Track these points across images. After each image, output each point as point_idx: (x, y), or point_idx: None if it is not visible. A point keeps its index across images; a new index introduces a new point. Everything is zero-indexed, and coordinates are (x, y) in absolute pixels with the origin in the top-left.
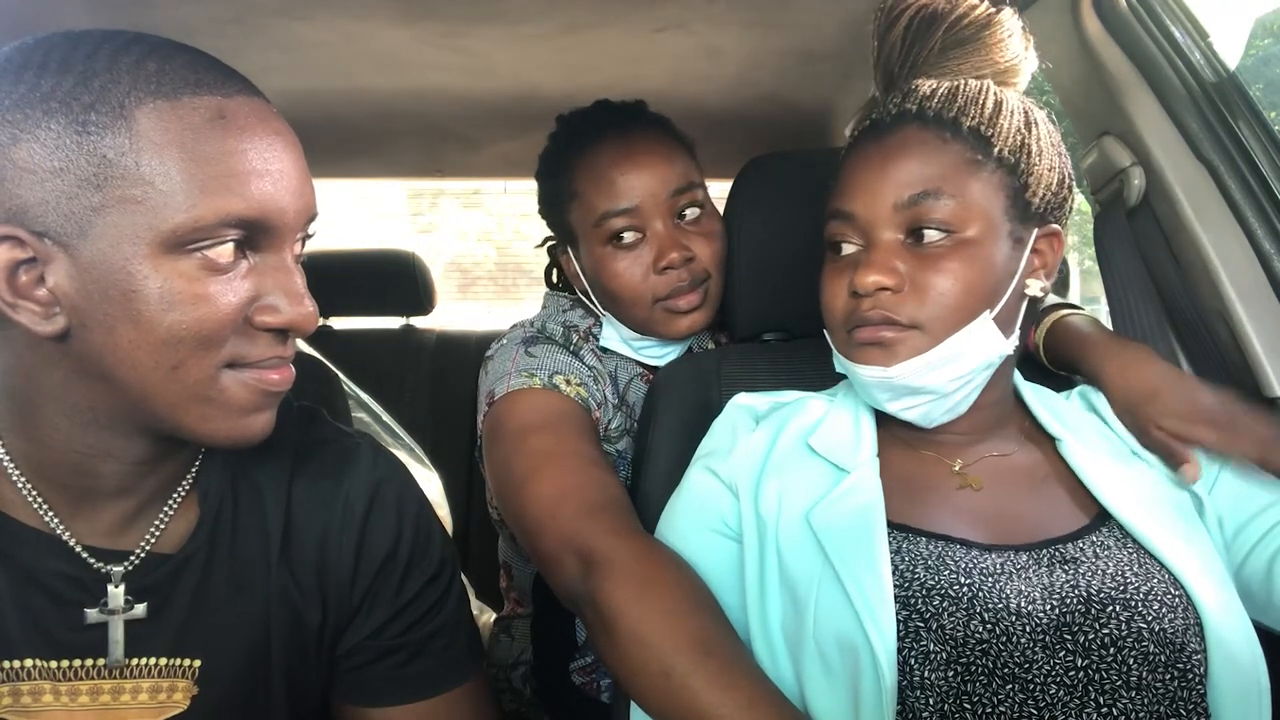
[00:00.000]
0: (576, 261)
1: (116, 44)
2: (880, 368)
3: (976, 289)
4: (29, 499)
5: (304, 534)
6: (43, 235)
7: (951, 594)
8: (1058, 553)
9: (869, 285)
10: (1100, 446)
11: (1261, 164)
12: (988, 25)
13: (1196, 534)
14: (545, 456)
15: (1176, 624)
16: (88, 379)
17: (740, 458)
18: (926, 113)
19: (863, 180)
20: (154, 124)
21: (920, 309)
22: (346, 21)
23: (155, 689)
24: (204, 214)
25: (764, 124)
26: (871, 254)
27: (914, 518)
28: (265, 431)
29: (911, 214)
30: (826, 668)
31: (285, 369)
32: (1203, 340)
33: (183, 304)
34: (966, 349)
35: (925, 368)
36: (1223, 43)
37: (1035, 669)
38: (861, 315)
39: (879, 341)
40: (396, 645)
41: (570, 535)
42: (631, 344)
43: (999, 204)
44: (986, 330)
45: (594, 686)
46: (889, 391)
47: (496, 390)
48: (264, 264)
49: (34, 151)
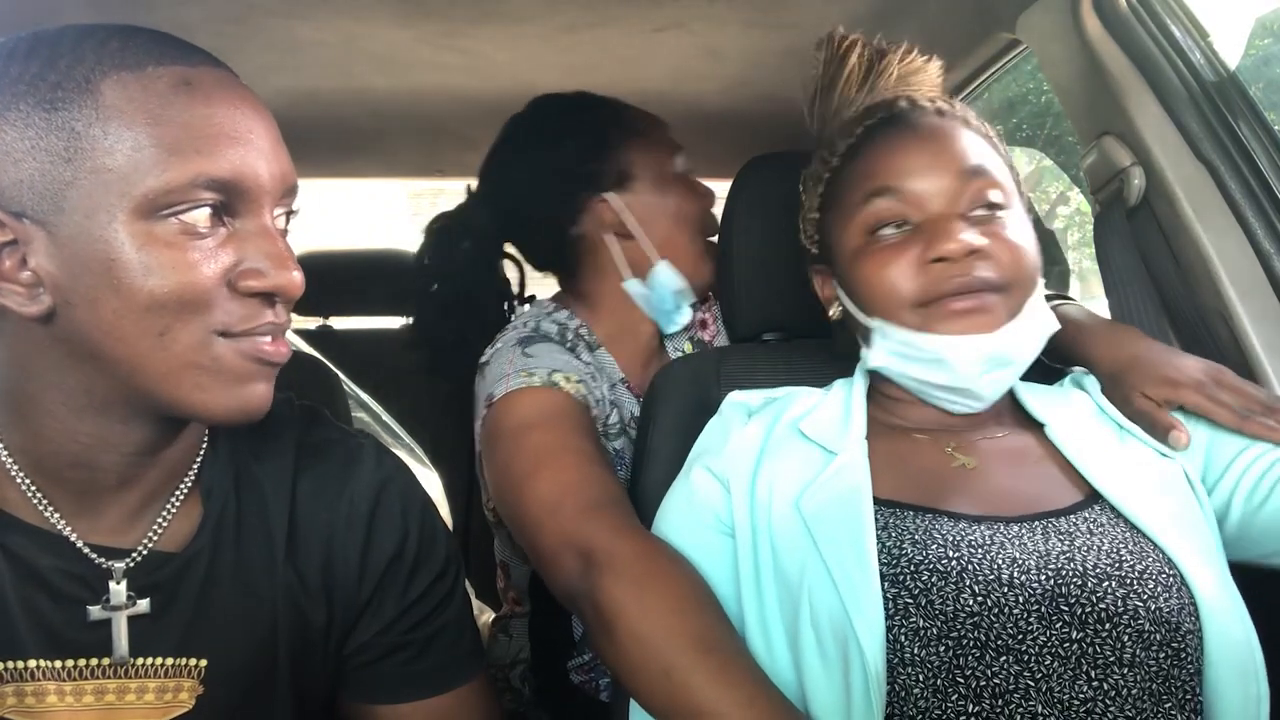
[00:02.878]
0: (622, 208)
1: (81, 30)
2: (984, 334)
3: (1035, 257)
4: (30, 497)
5: (309, 534)
6: (20, 216)
7: (939, 568)
8: (1051, 525)
9: (960, 249)
10: (1090, 429)
11: (1261, 164)
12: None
13: (1190, 511)
14: (545, 453)
15: (1172, 604)
16: (79, 360)
17: (733, 452)
18: (940, 108)
19: (915, 157)
20: (119, 94)
21: (1011, 270)
22: (346, 21)
23: (161, 689)
24: (175, 176)
25: (764, 124)
26: (942, 223)
27: (903, 493)
28: (262, 406)
29: (976, 186)
30: (822, 654)
31: (280, 340)
32: (1203, 340)
33: (162, 269)
34: (1036, 318)
35: (1021, 332)
36: (1223, 43)
37: (1030, 640)
38: (953, 282)
39: (981, 308)
40: (404, 642)
41: (570, 533)
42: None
43: (1013, 187)
44: (1043, 300)
45: (593, 686)
46: (984, 363)
47: (495, 392)
48: (244, 229)
49: (4, 134)
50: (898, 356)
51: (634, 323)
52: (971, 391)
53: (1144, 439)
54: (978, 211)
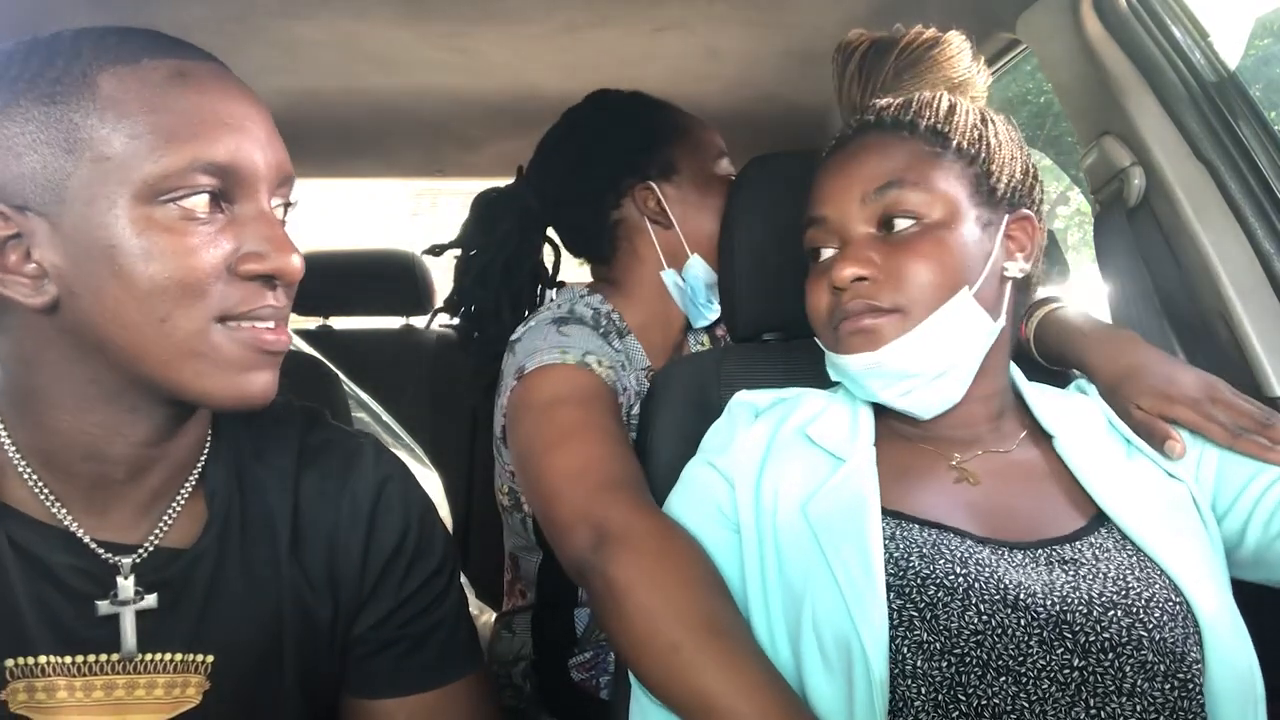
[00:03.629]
0: (663, 196)
1: (78, 30)
2: (868, 354)
3: (950, 268)
4: (39, 494)
5: (313, 533)
6: (23, 209)
7: (947, 584)
8: (1055, 553)
9: (845, 278)
10: (1100, 443)
11: (1261, 164)
12: (935, 44)
13: (1196, 536)
14: (571, 428)
15: (1177, 633)
16: (85, 351)
17: (738, 450)
18: (885, 119)
19: (830, 184)
20: (116, 86)
21: (898, 293)
22: (346, 21)
23: (169, 684)
24: (173, 161)
25: (764, 124)
26: (845, 250)
27: (909, 505)
28: (266, 394)
29: (879, 205)
30: (824, 659)
31: (281, 329)
32: (1202, 340)
33: (163, 255)
34: (950, 326)
35: (911, 348)
36: (1223, 43)
37: (1029, 663)
38: (844, 309)
39: (862, 330)
40: (398, 636)
41: (587, 506)
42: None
43: (962, 190)
44: (968, 306)
45: (593, 684)
46: (881, 378)
47: (527, 365)
48: (242, 215)
49: (5, 129)
50: (833, 370)
51: (665, 312)
52: (889, 407)
53: (1152, 456)
54: (884, 231)
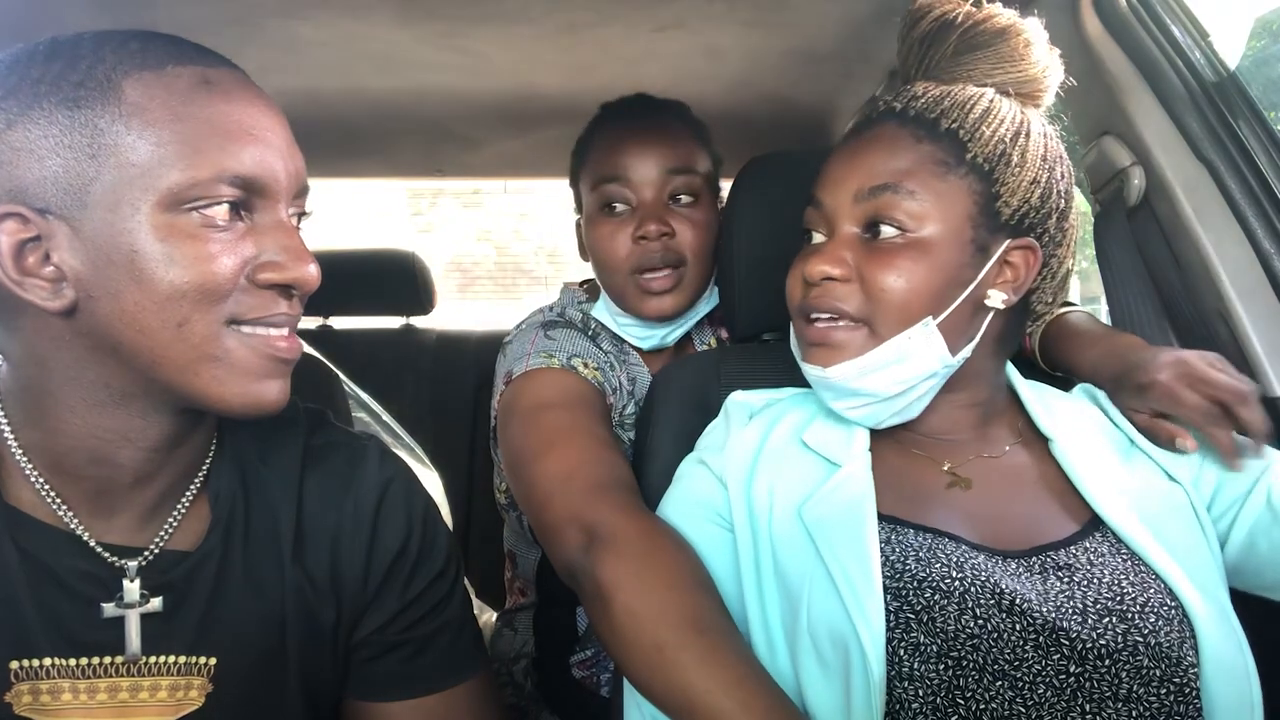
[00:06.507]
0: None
1: (99, 33)
2: (819, 367)
3: (923, 291)
4: (46, 497)
5: (316, 535)
6: (45, 212)
7: (943, 587)
8: (1049, 559)
9: (815, 274)
10: (1098, 444)
11: (1261, 164)
12: (1003, 34)
13: (1193, 539)
14: (558, 433)
15: (1172, 637)
16: (99, 354)
17: (731, 451)
18: (908, 111)
19: (834, 170)
20: (141, 93)
21: (866, 302)
22: (346, 21)
23: (174, 687)
24: (200, 172)
25: (764, 124)
26: (827, 244)
27: (905, 511)
28: (279, 401)
29: (870, 206)
30: (821, 661)
31: (292, 337)
32: (1202, 340)
33: (184, 260)
34: (906, 354)
35: (859, 372)
36: (1223, 43)
37: (1025, 668)
38: (810, 304)
39: (825, 342)
40: (402, 640)
41: (577, 509)
42: (616, 319)
43: (964, 209)
44: (928, 337)
45: (594, 681)
46: (829, 391)
47: (515, 370)
48: (261, 224)
49: (29, 132)
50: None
51: None
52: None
53: (1154, 457)
54: (869, 234)
